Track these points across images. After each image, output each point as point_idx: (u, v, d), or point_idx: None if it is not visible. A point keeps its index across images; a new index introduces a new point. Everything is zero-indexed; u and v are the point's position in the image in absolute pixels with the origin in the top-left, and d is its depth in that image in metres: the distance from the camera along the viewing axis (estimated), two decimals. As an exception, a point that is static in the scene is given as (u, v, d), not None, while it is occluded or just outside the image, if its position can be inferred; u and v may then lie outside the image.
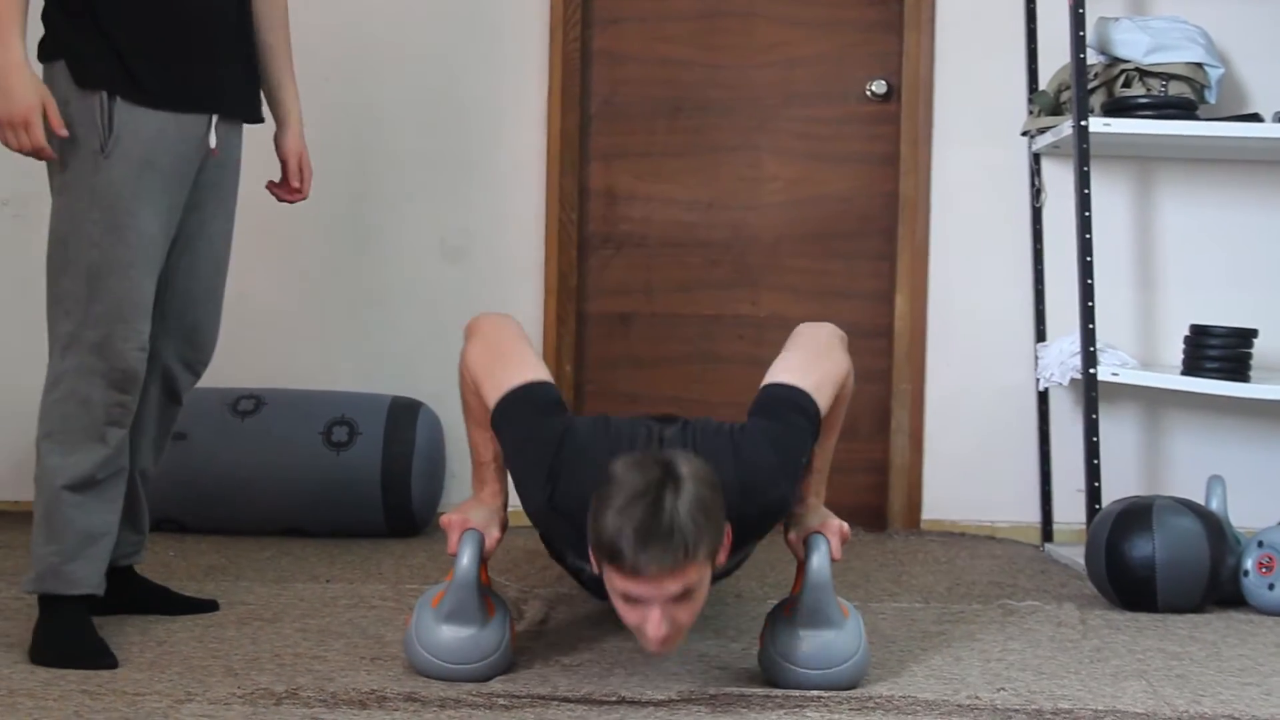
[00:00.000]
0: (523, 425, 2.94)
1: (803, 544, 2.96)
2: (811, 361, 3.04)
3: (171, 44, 3.06)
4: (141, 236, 3.03)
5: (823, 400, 2.97)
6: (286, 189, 3.46)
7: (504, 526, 3.09)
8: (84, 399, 3.04)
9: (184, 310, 3.28)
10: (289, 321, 4.92)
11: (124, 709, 2.64)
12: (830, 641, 2.85)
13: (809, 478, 3.12)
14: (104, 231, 3.01)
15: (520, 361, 3.05)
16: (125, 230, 3.01)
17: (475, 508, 3.08)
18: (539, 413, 2.94)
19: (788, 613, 2.90)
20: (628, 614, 2.71)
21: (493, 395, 2.97)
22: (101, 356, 3.02)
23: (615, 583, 2.68)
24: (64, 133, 2.96)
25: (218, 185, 3.25)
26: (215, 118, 3.17)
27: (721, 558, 2.78)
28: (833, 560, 2.91)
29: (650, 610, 2.67)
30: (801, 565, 2.93)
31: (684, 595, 2.68)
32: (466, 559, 2.90)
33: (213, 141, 3.16)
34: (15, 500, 4.84)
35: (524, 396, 2.95)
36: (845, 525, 3.01)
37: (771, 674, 2.88)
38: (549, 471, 2.86)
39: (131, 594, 3.41)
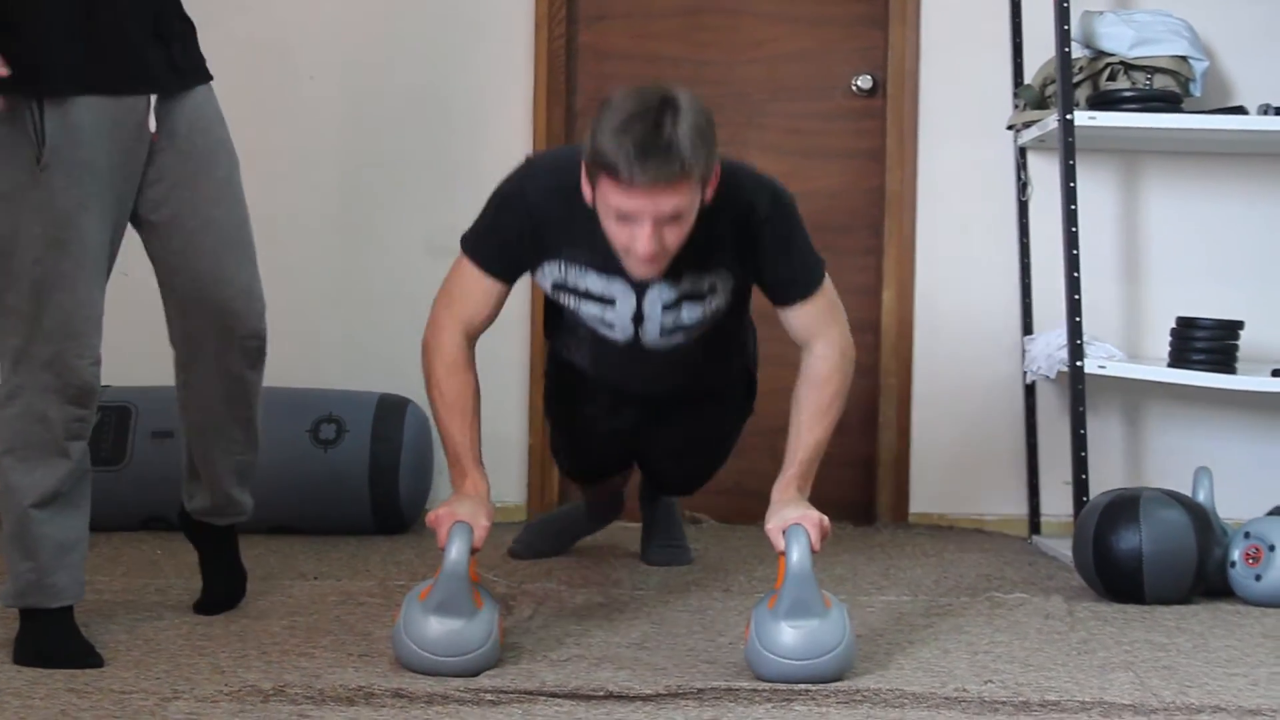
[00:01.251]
0: (480, 218, 3.30)
1: (780, 534, 2.96)
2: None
3: (88, 24, 2.95)
4: (86, 248, 2.95)
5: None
6: None
7: (490, 516, 3.08)
8: (41, 416, 2.96)
9: (203, 293, 3.20)
10: (276, 319, 4.86)
11: (111, 707, 2.64)
12: (814, 632, 2.86)
13: (795, 468, 3.12)
14: (46, 246, 2.92)
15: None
16: (69, 244, 2.93)
17: (460, 501, 3.07)
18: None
19: (771, 605, 2.90)
20: (619, 233, 2.90)
21: (442, 292, 3.24)
22: (56, 373, 2.94)
23: (610, 199, 2.85)
24: None
25: (186, 162, 3.12)
26: (154, 98, 3.06)
27: (709, 193, 2.95)
28: (812, 553, 2.92)
29: (641, 227, 2.85)
30: (782, 558, 2.93)
31: (674, 217, 2.86)
32: (455, 550, 2.90)
33: (152, 125, 3.05)
34: None
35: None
36: (825, 519, 3.01)
37: (757, 667, 2.89)
38: (513, 185, 3.22)
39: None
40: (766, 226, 3.15)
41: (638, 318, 3.24)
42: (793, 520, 2.97)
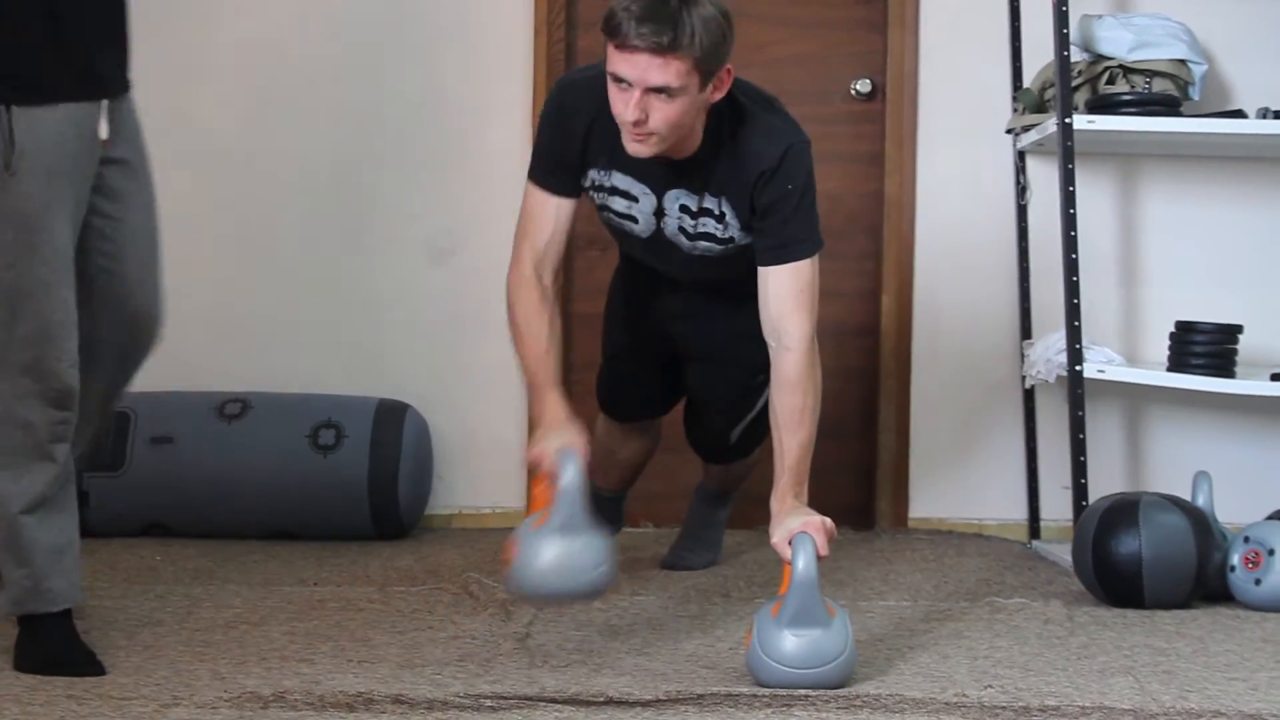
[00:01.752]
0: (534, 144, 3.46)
1: (787, 544, 2.96)
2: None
3: (55, 30, 2.95)
4: (57, 251, 2.94)
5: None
6: None
7: (583, 432, 3.16)
8: (24, 423, 2.95)
9: (128, 298, 3.16)
10: (274, 324, 4.92)
11: (110, 714, 2.63)
12: (817, 641, 2.86)
13: (786, 476, 3.13)
14: (19, 251, 2.91)
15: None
16: (41, 248, 2.92)
17: (548, 433, 3.14)
18: None
19: (775, 613, 2.90)
20: (616, 101, 3.06)
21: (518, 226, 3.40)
22: (35, 378, 2.93)
23: (610, 62, 3.02)
24: None
25: (126, 168, 3.14)
26: (106, 103, 3.06)
27: (714, 95, 3.12)
28: (820, 558, 2.92)
29: (630, 93, 3.00)
30: (788, 566, 2.93)
31: (662, 90, 3.00)
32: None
33: (104, 132, 3.04)
34: None
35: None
36: (829, 521, 3.01)
37: (759, 673, 2.88)
38: (552, 102, 3.39)
39: None
40: (769, 176, 3.25)
41: (659, 212, 3.37)
42: (797, 529, 2.97)
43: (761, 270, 3.28)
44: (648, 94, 3.01)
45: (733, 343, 3.74)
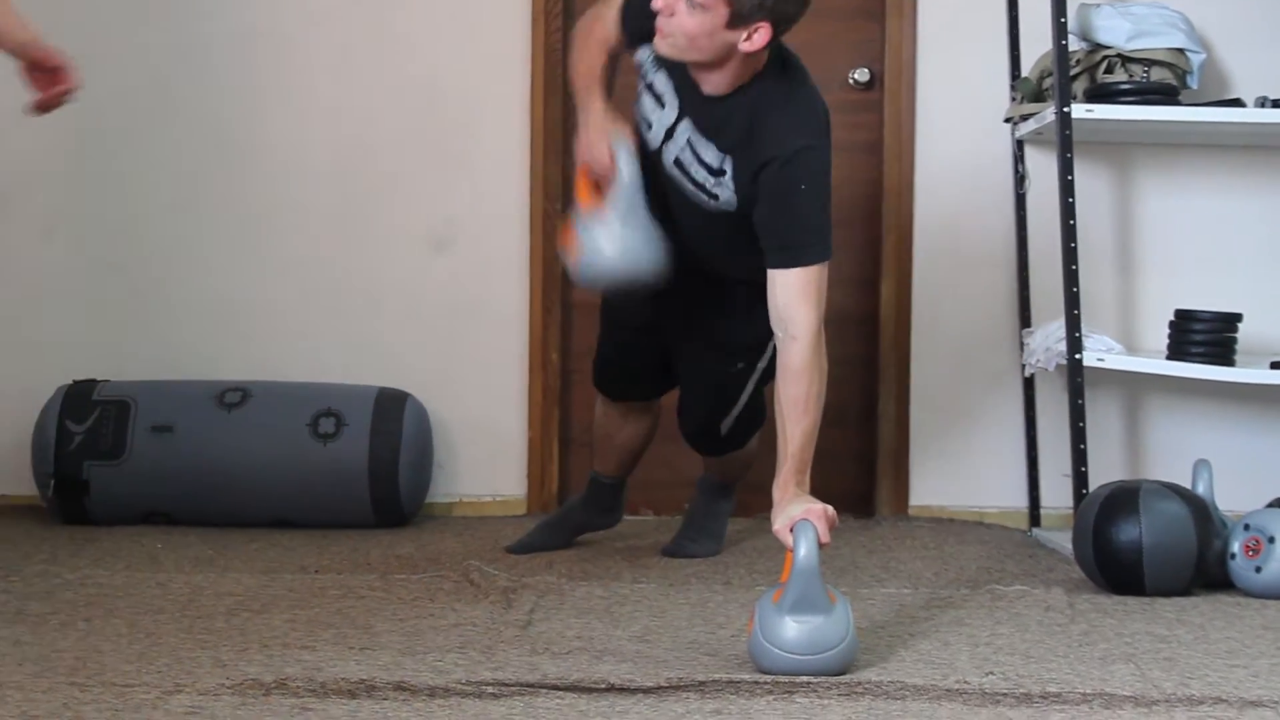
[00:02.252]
0: None
1: (789, 532, 2.97)
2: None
3: None
4: None
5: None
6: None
7: (622, 120, 3.42)
8: None
9: None
10: (274, 313, 4.92)
11: (112, 700, 2.63)
12: (818, 628, 2.86)
13: (789, 464, 3.14)
14: None
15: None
16: None
17: (598, 126, 3.46)
18: None
19: (776, 600, 2.90)
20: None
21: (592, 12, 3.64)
22: None
23: None
24: None
25: None
26: None
27: (745, 45, 3.25)
28: (821, 545, 2.92)
29: (670, 9, 3.21)
30: (790, 553, 2.93)
31: (695, 5, 3.18)
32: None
33: None
34: (4, 494, 4.82)
35: None
36: (830, 509, 3.02)
37: (760, 660, 2.89)
38: None
39: None
40: (779, 165, 3.30)
41: (670, 132, 3.49)
42: (799, 516, 2.98)
43: (770, 271, 3.30)
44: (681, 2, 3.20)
45: (710, 323, 3.79)
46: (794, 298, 3.26)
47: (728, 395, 3.92)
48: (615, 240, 3.20)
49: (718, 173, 3.41)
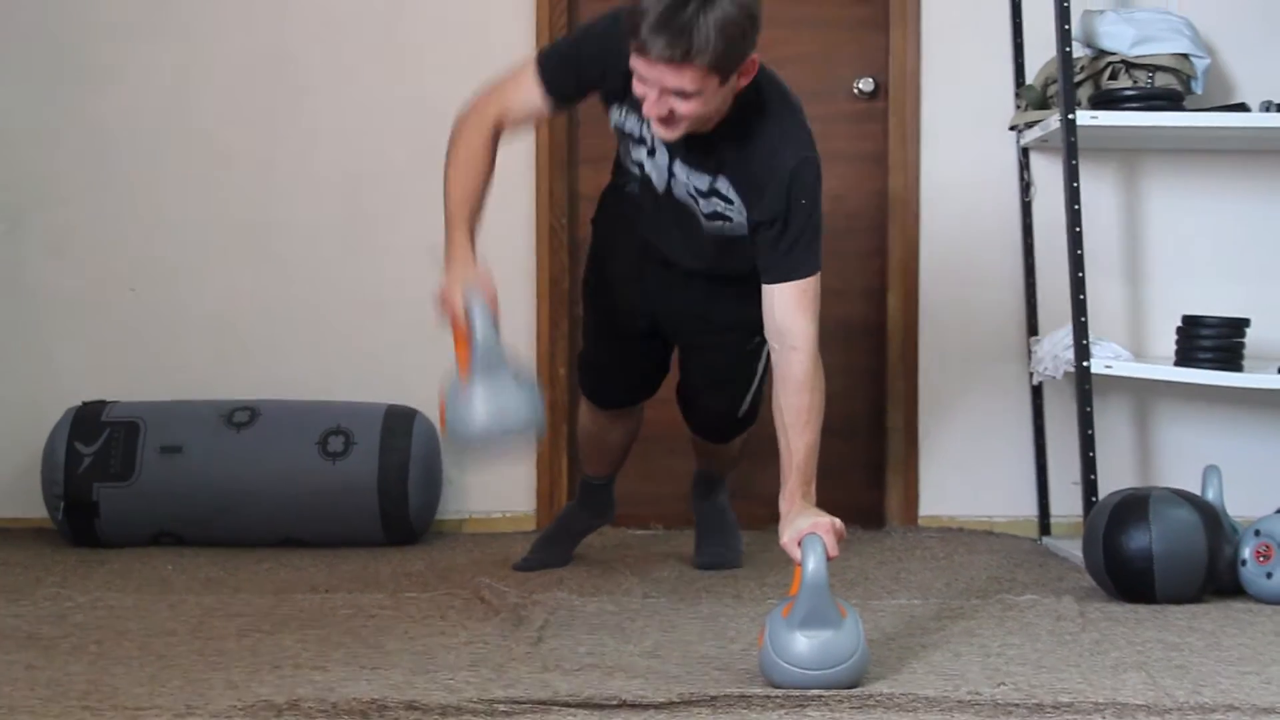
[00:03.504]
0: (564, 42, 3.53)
1: (797, 545, 2.97)
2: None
3: None
4: None
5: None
6: None
7: (490, 279, 3.15)
8: None
9: None
10: (282, 332, 4.92)
11: (125, 724, 2.64)
12: (829, 642, 2.86)
13: (795, 476, 3.14)
14: None
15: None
16: None
17: (457, 272, 3.16)
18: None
19: (786, 614, 2.90)
20: (637, 88, 3.10)
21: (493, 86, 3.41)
22: None
23: (633, 59, 3.05)
24: None
25: None
26: None
27: (740, 82, 3.15)
28: (830, 559, 2.92)
29: (651, 90, 3.06)
30: (799, 567, 2.93)
31: (679, 93, 3.05)
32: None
33: None
34: (14, 517, 4.83)
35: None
36: (838, 521, 3.02)
37: (771, 675, 2.89)
38: (607, 25, 3.30)
39: None
40: (780, 183, 3.27)
41: (671, 172, 3.41)
42: (807, 530, 2.98)
43: (766, 286, 3.29)
44: (666, 93, 3.06)
45: (721, 309, 3.79)
46: (791, 309, 3.25)
47: (747, 372, 3.92)
48: (478, 404, 2.97)
49: (726, 200, 3.37)
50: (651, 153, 3.41)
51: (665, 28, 2.96)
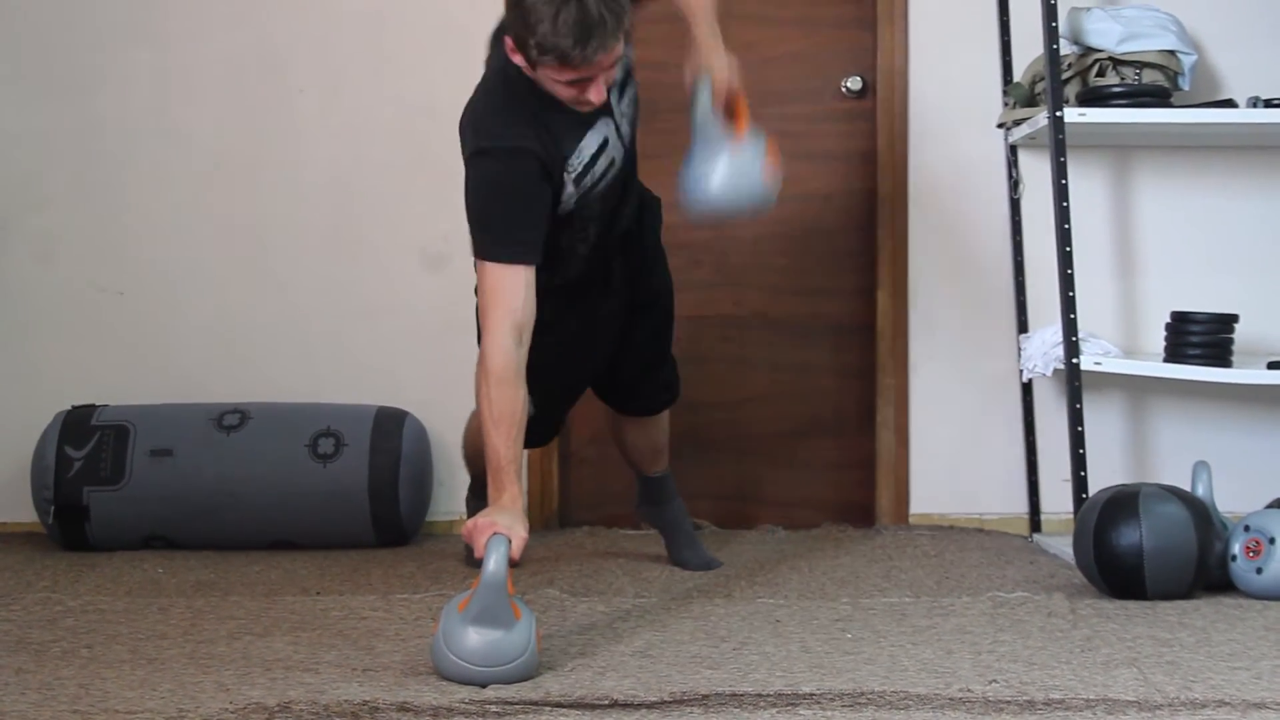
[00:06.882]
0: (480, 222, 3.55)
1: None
2: None
3: None
4: None
5: None
6: None
7: (527, 529, 3.10)
8: None
9: None
10: (272, 334, 4.92)
11: (116, 728, 2.64)
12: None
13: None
14: None
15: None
16: None
17: (498, 512, 3.09)
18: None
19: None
20: (568, 92, 3.25)
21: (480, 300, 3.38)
22: None
23: (562, 76, 3.20)
24: None
25: None
26: None
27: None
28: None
29: (594, 84, 3.23)
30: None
31: (614, 64, 3.24)
32: (494, 562, 2.93)
33: None
34: (4, 522, 4.83)
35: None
36: (733, 79, 3.51)
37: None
38: (489, 171, 3.54)
39: None
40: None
41: (621, 133, 3.59)
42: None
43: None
44: (602, 74, 3.24)
45: (649, 283, 3.95)
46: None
47: (670, 334, 4.05)
48: (461, 639, 2.91)
49: (634, 101, 3.64)
50: (605, 143, 3.53)
51: (589, 33, 3.11)
